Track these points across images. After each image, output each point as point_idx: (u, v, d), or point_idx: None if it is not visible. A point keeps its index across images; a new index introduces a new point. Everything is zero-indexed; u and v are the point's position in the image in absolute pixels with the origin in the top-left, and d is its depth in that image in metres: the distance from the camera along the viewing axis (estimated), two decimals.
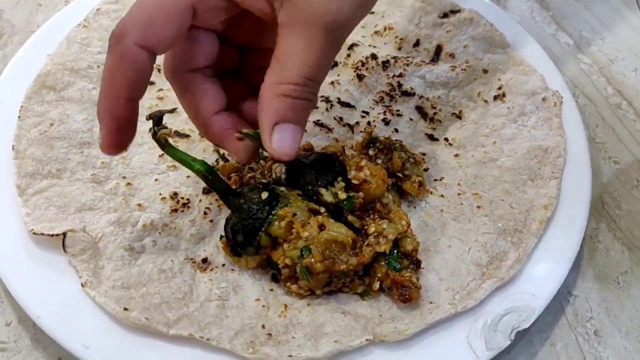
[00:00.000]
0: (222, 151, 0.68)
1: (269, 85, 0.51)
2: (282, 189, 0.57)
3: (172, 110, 0.55)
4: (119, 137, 0.52)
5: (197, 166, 0.55)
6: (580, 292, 0.65)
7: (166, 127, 0.53)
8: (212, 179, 0.55)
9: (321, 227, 0.55)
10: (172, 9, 0.50)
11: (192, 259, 0.60)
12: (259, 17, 0.53)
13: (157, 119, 0.53)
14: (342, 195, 0.57)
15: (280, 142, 0.52)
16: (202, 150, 0.69)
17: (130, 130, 0.53)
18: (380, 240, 0.57)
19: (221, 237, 0.60)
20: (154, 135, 0.53)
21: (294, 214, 0.55)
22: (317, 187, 0.58)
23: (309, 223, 0.55)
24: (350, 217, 0.58)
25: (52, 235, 0.57)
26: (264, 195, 0.56)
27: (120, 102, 0.51)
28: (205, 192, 0.65)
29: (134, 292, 0.56)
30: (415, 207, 0.65)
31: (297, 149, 0.53)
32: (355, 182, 0.58)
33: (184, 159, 0.55)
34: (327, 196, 0.57)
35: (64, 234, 0.57)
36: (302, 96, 0.51)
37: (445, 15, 0.80)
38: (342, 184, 0.57)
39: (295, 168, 0.59)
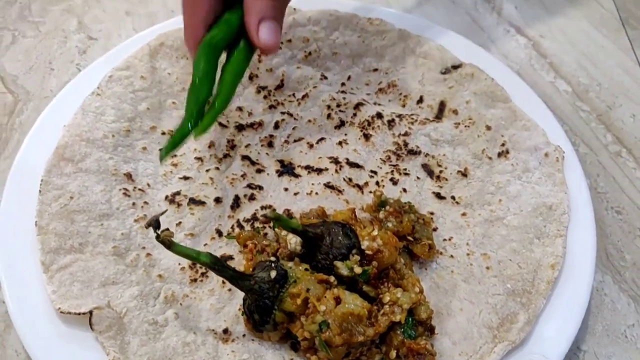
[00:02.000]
0: (239, 217, 0.70)
1: None
2: (290, 264, 0.60)
3: (163, 213, 0.60)
4: None
5: (203, 259, 0.57)
6: (589, 347, 0.67)
7: (167, 229, 0.56)
8: (219, 268, 0.58)
9: (337, 299, 0.57)
10: None
11: (213, 330, 0.62)
12: None
13: (155, 223, 0.56)
14: (358, 270, 0.59)
15: (265, 35, 0.65)
16: (218, 216, 0.71)
17: None
18: (395, 309, 0.59)
19: (241, 310, 0.62)
20: (158, 238, 0.55)
21: (308, 289, 0.57)
22: (332, 259, 0.60)
23: (325, 297, 0.57)
24: (365, 287, 0.60)
25: (79, 314, 0.59)
26: (273, 274, 0.58)
27: (200, 30, 0.66)
28: (224, 260, 0.67)
29: None
30: (426, 269, 0.67)
31: (279, 41, 0.67)
32: (369, 252, 0.60)
33: (189, 254, 0.57)
34: (343, 269, 0.59)
35: (91, 312, 0.59)
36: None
37: (447, 71, 0.83)
38: (357, 257, 0.59)
39: (310, 240, 0.61)
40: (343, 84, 0.84)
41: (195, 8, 0.66)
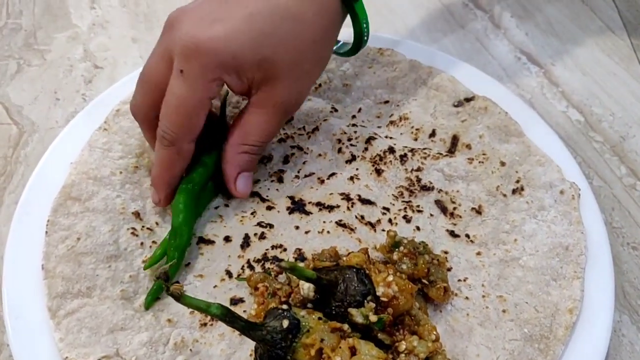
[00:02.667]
0: (249, 257, 0.68)
1: (233, 144, 0.70)
2: (303, 312, 0.58)
3: (172, 264, 0.62)
4: (171, 198, 0.70)
5: (213, 310, 0.55)
6: None
7: (177, 282, 0.54)
8: (229, 319, 0.56)
9: (352, 349, 0.56)
10: (203, 107, 0.67)
11: None
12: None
13: (164, 276, 0.54)
14: (373, 318, 0.57)
15: (242, 186, 0.72)
16: (228, 256, 0.70)
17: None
18: (412, 359, 0.57)
19: (252, 356, 0.60)
20: (167, 291, 0.54)
21: (322, 340, 0.56)
22: (346, 306, 0.58)
23: (340, 347, 0.56)
24: (380, 335, 0.58)
25: None
26: (285, 323, 0.56)
27: (176, 180, 0.70)
28: (234, 302, 0.66)
29: None
30: (441, 311, 0.66)
31: (250, 189, 0.74)
32: (384, 299, 0.59)
33: (199, 306, 0.55)
34: (358, 317, 0.57)
35: None
36: (258, 153, 0.72)
37: (459, 104, 0.82)
38: (372, 305, 0.58)
39: (324, 287, 0.59)
40: (354, 117, 0.83)
41: (175, 167, 0.70)
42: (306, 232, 0.72)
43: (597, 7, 1.07)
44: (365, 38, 0.75)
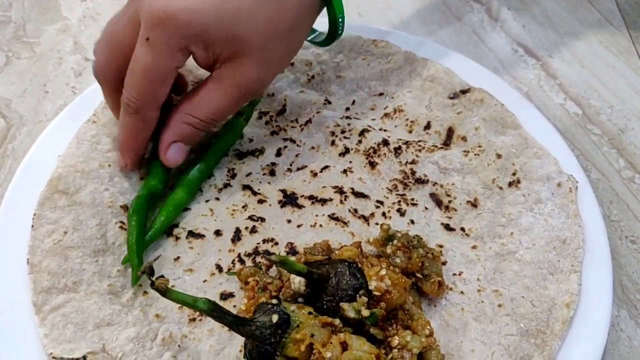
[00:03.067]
0: (240, 251, 0.67)
1: (180, 111, 0.69)
2: (293, 307, 0.57)
3: (156, 259, 0.62)
4: (137, 162, 0.72)
5: (200, 305, 0.54)
6: None
7: (162, 276, 0.53)
8: (217, 315, 0.55)
9: (343, 345, 0.55)
10: (169, 76, 0.66)
11: None
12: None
13: (149, 271, 0.53)
14: (365, 313, 0.56)
15: (173, 155, 0.70)
16: (218, 250, 0.68)
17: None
18: (405, 354, 0.56)
19: (242, 352, 0.59)
20: (152, 286, 0.53)
21: (312, 335, 0.55)
22: (338, 301, 0.57)
23: (330, 342, 0.54)
24: (372, 330, 0.57)
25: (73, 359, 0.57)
26: (275, 318, 0.55)
27: (142, 146, 0.71)
28: (224, 297, 0.64)
29: None
30: (435, 306, 0.65)
31: (181, 162, 0.71)
32: (376, 293, 0.58)
33: (186, 301, 0.54)
34: (350, 312, 0.56)
35: (84, 358, 0.57)
36: (202, 129, 0.70)
37: (455, 96, 0.80)
38: (365, 300, 0.57)
39: (316, 281, 0.58)
40: (347, 109, 0.82)
41: (140, 135, 0.70)
42: (298, 226, 0.70)
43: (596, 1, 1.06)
44: (340, 31, 0.75)
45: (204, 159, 0.74)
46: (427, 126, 0.79)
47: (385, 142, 0.77)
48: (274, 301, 0.59)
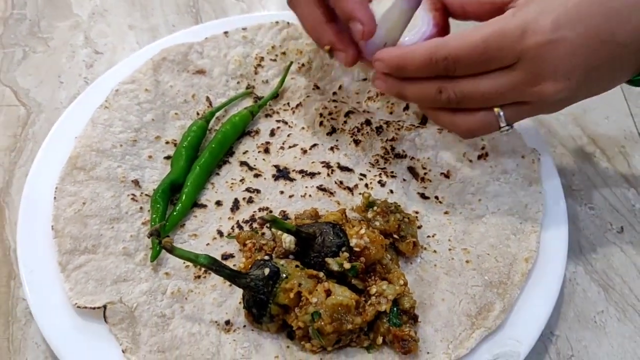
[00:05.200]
0: (239, 219, 0.76)
1: None
2: (282, 262, 0.66)
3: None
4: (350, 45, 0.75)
5: (201, 260, 0.63)
6: (562, 332, 0.72)
7: (168, 235, 0.62)
8: (217, 268, 0.64)
9: (327, 292, 0.63)
10: None
11: (216, 321, 0.68)
12: None
13: (156, 232, 0.63)
14: (347, 265, 0.65)
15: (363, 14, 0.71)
16: (219, 218, 0.77)
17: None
18: (381, 300, 0.65)
19: (241, 304, 0.68)
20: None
21: (300, 284, 0.63)
22: (323, 256, 0.66)
23: (316, 290, 0.63)
24: (353, 281, 0.66)
25: (94, 308, 0.65)
26: (266, 271, 0.64)
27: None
28: (225, 258, 0.73)
29: (169, 355, 0.64)
30: (411, 263, 0.73)
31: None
32: (357, 249, 0.66)
33: (189, 257, 0.63)
34: (334, 265, 0.65)
35: (105, 307, 0.65)
36: None
37: None
38: (347, 255, 0.65)
39: (304, 239, 0.67)
40: (334, 93, 0.90)
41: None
42: (290, 196, 0.79)
43: None
44: None
45: (212, 152, 0.81)
46: (406, 107, 0.87)
47: (368, 122, 0.85)
48: (266, 257, 0.68)
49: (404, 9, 0.72)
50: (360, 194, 0.79)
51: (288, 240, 0.68)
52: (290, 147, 0.85)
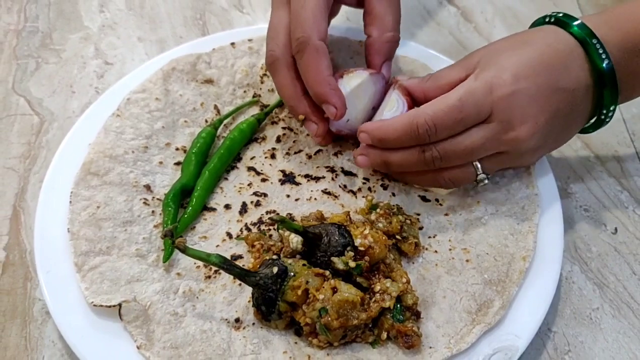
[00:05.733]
0: (247, 221, 0.79)
1: (378, 36, 0.83)
2: (290, 261, 0.69)
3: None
4: (344, 101, 0.79)
5: (213, 259, 0.66)
6: (559, 329, 0.75)
7: (181, 236, 0.65)
8: (227, 267, 0.67)
9: (333, 289, 0.66)
10: (325, 10, 0.78)
11: (227, 319, 0.70)
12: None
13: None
14: (352, 264, 0.68)
15: (387, 72, 0.84)
16: (228, 220, 0.80)
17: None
18: (385, 297, 0.68)
19: (250, 302, 0.70)
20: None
21: (307, 282, 0.66)
22: (329, 256, 0.69)
23: (323, 287, 0.66)
24: (358, 279, 0.69)
25: (110, 307, 0.68)
26: (275, 270, 0.67)
27: (331, 78, 0.78)
28: (234, 259, 0.76)
29: (182, 351, 0.67)
30: (413, 263, 0.76)
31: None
32: (361, 248, 0.69)
33: (201, 256, 0.66)
34: (339, 264, 0.68)
35: (120, 305, 0.68)
36: (395, 40, 0.84)
37: None
38: (351, 254, 0.68)
39: (310, 240, 0.70)
40: None
41: (320, 64, 0.77)
42: (296, 200, 0.82)
43: (560, 2, 1.17)
44: (608, 119, 0.78)
45: (220, 158, 0.84)
46: None
47: None
48: (274, 257, 0.71)
49: (371, 90, 0.83)
50: (363, 197, 0.82)
51: (295, 240, 0.71)
52: (295, 152, 0.88)
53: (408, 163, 0.76)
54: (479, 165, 0.75)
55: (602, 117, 0.77)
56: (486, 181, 0.76)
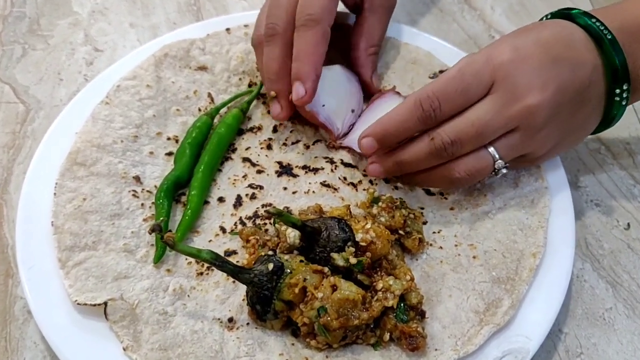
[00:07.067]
0: (242, 215, 0.75)
1: (364, 49, 0.86)
2: (286, 257, 0.65)
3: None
4: (314, 90, 0.77)
5: (203, 256, 0.62)
6: (570, 330, 0.71)
7: (170, 231, 0.61)
8: (219, 264, 0.62)
9: (333, 287, 0.62)
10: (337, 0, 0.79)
11: (219, 319, 0.66)
12: None
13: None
14: (353, 260, 0.64)
15: (377, 82, 0.87)
16: (222, 214, 0.76)
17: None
18: (388, 295, 0.64)
19: (245, 300, 0.66)
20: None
21: (305, 279, 0.62)
22: (329, 251, 0.65)
23: (322, 285, 0.62)
24: (359, 277, 0.65)
25: (95, 305, 0.64)
26: (270, 266, 0.63)
27: (320, 67, 0.77)
28: (228, 254, 0.72)
29: (171, 353, 0.63)
30: (417, 259, 0.72)
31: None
32: (363, 244, 0.65)
33: (191, 252, 0.62)
34: (339, 260, 0.64)
35: (105, 304, 0.64)
36: (377, 53, 0.88)
37: (435, 76, 0.88)
38: (352, 250, 0.64)
39: (309, 234, 0.66)
40: None
41: (318, 49, 0.77)
42: (293, 193, 0.78)
43: None
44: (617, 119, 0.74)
45: (211, 155, 0.79)
46: None
47: None
48: (270, 252, 0.67)
49: (347, 83, 0.85)
50: (364, 189, 0.78)
51: (292, 235, 0.67)
52: (293, 143, 0.84)
53: (420, 157, 0.71)
54: (494, 151, 0.70)
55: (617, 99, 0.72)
56: (504, 170, 0.71)
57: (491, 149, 0.70)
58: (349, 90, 0.84)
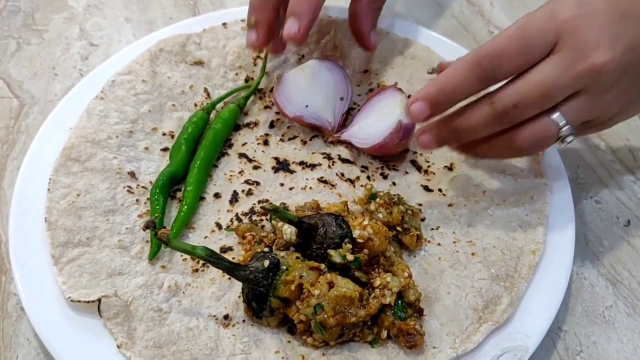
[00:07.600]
0: (238, 211, 0.74)
1: (367, 3, 0.84)
2: (283, 254, 0.64)
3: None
4: (307, 32, 0.77)
5: (198, 252, 0.61)
6: (570, 328, 0.71)
7: (164, 227, 0.60)
8: (214, 261, 0.62)
9: (330, 284, 0.61)
10: None
11: (215, 316, 0.65)
12: None
13: (152, 224, 0.61)
14: (350, 257, 0.63)
15: (374, 40, 0.86)
16: (218, 210, 0.75)
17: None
18: (386, 292, 0.63)
19: (240, 297, 0.65)
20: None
21: (301, 276, 0.61)
22: (325, 248, 0.64)
23: (318, 282, 0.61)
24: (357, 273, 0.64)
25: (89, 302, 0.63)
26: (266, 263, 0.62)
27: (319, 9, 0.76)
28: (223, 251, 0.71)
29: (165, 351, 0.62)
30: (415, 256, 0.71)
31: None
32: (360, 240, 0.64)
33: (186, 249, 0.61)
34: (336, 257, 0.63)
35: (99, 300, 0.63)
36: (380, 8, 0.87)
37: (433, 71, 0.87)
38: (349, 246, 0.63)
39: (306, 230, 0.65)
40: None
41: None
42: (290, 189, 0.77)
43: None
44: None
45: (207, 150, 0.78)
46: None
47: None
48: (266, 249, 0.66)
49: (327, 76, 0.83)
50: (362, 186, 0.77)
51: (289, 231, 0.66)
52: (290, 138, 0.83)
53: (479, 123, 0.65)
54: (560, 117, 0.63)
55: None
56: (570, 138, 0.65)
57: (556, 114, 0.63)
58: (332, 79, 0.82)
